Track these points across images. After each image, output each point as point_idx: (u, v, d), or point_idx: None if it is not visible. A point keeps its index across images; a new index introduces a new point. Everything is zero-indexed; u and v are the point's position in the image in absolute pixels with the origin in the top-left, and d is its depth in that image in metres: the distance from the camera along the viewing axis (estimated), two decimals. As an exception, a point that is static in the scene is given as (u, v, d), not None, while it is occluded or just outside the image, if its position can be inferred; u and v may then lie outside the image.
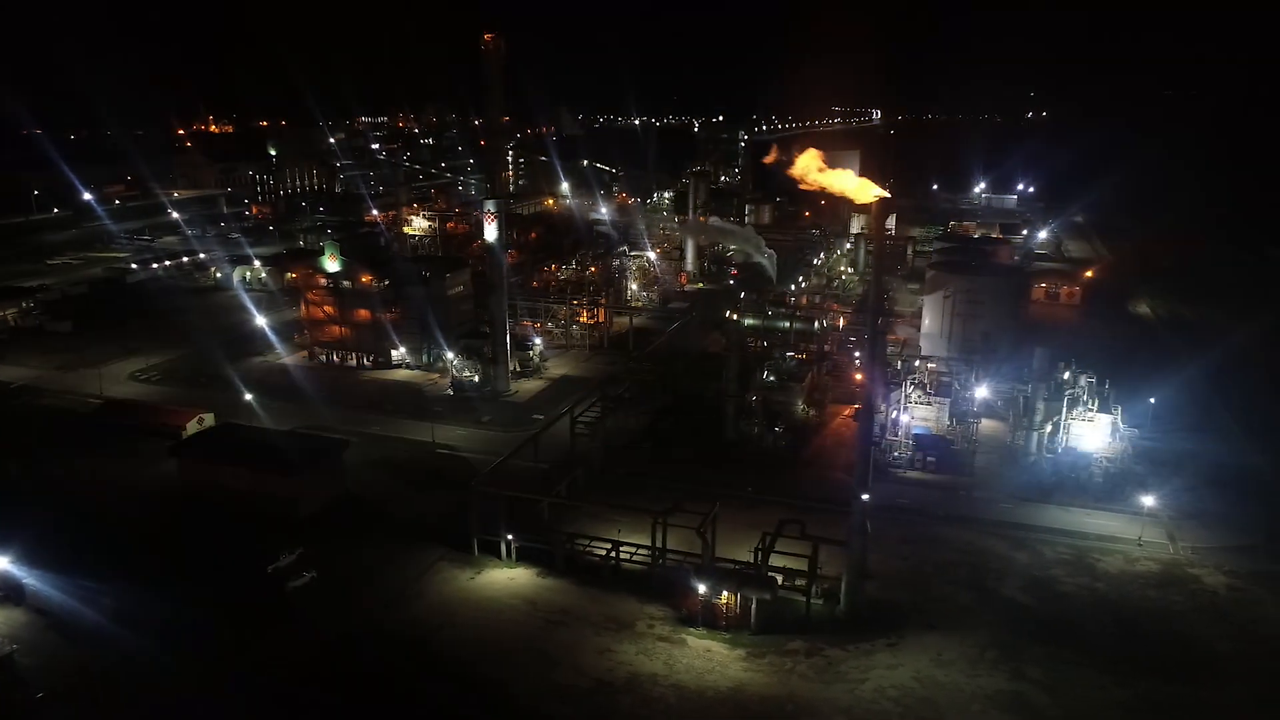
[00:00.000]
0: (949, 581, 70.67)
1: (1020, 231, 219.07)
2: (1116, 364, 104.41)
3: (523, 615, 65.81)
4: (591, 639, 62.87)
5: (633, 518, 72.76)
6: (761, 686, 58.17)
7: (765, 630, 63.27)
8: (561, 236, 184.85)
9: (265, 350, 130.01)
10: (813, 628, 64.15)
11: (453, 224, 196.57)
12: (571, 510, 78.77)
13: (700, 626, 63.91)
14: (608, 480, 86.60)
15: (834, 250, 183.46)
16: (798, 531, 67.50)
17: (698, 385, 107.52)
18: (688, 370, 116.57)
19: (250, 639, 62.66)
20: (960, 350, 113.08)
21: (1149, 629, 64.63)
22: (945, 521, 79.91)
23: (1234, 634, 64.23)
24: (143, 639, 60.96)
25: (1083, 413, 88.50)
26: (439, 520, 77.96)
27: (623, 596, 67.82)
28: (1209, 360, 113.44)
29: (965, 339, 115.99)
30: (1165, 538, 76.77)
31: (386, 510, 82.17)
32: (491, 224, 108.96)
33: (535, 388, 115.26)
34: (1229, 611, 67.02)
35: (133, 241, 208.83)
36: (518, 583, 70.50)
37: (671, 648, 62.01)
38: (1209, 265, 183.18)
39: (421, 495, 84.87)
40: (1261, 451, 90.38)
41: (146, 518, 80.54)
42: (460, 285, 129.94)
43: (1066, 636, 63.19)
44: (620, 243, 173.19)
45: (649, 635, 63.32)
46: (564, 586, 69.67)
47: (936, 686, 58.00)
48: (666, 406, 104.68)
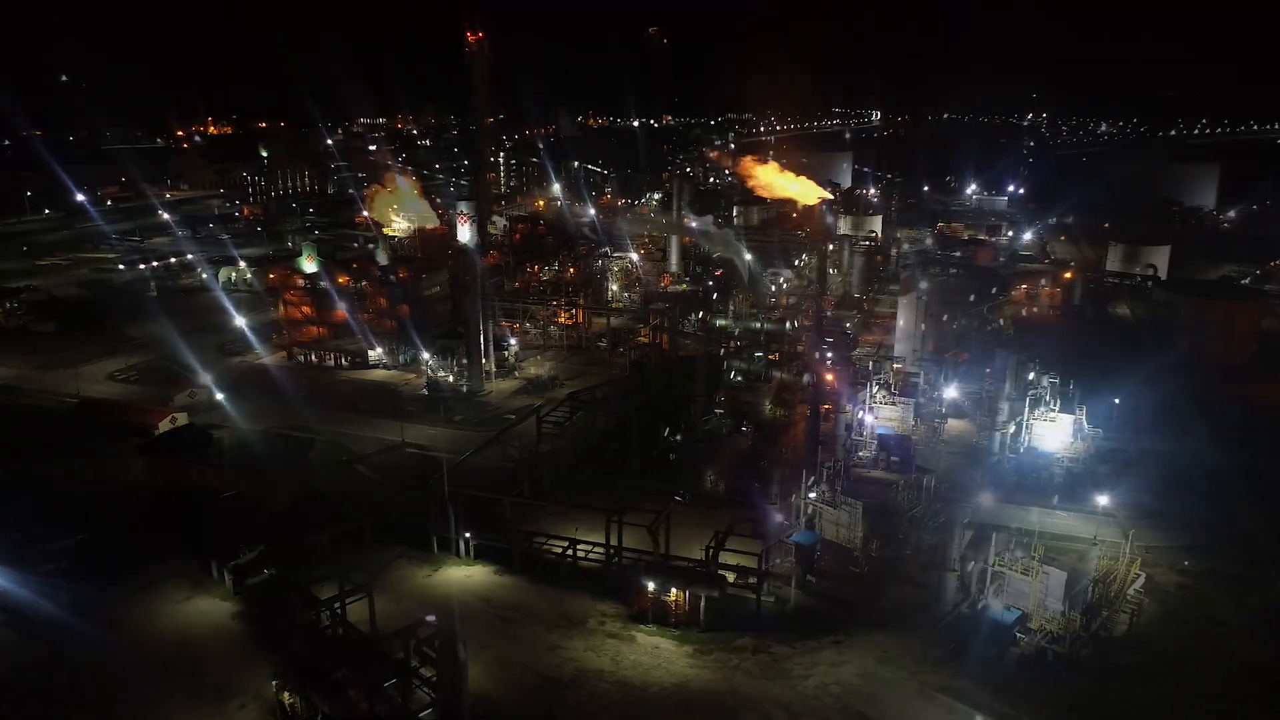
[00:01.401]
0: (901, 579, 71.01)
1: (1005, 233, 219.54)
2: (1089, 365, 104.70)
3: (475, 612, 65.99)
4: (542, 635, 63.39)
5: (589, 516, 73.17)
6: (705, 682, 58.66)
7: (714, 627, 63.73)
8: (544, 238, 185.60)
9: (245, 350, 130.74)
10: (762, 625, 64.64)
11: (433, 226, 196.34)
12: (533, 509, 79.08)
13: (651, 623, 64.42)
14: (573, 479, 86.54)
15: (815, 252, 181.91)
16: (749, 530, 68.10)
17: (671, 385, 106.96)
18: (661, 370, 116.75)
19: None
20: (932, 350, 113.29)
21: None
22: (903, 520, 78.70)
23: (1184, 633, 64.60)
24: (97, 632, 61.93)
25: (1045, 413, 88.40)
26: (403, 518, 78.27)
27: (577, 594, 68.39)
28: (1181, 360, 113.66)
29: (938, 339, 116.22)
30: (1120, 536, 77.18)
31: (352, 508, 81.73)
32: (464, 225, 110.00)
33: (510, 387, 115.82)
34: (1179, 610, 67.55)
35: (122, 242, 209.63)
36: (474, 580, 71.03)
37: (620, 644, 62.54)
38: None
39: (388, 493, 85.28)
40: (1224, 452, 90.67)
41: (113, 515, 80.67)
42: (436, 286, 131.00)
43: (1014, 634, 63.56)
44: (604, 243, 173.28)
45: (599, 632, 63.85)
46: (519, 584, 70.16)
47: (879, 683, 58.36)
48: (638, 406, 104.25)
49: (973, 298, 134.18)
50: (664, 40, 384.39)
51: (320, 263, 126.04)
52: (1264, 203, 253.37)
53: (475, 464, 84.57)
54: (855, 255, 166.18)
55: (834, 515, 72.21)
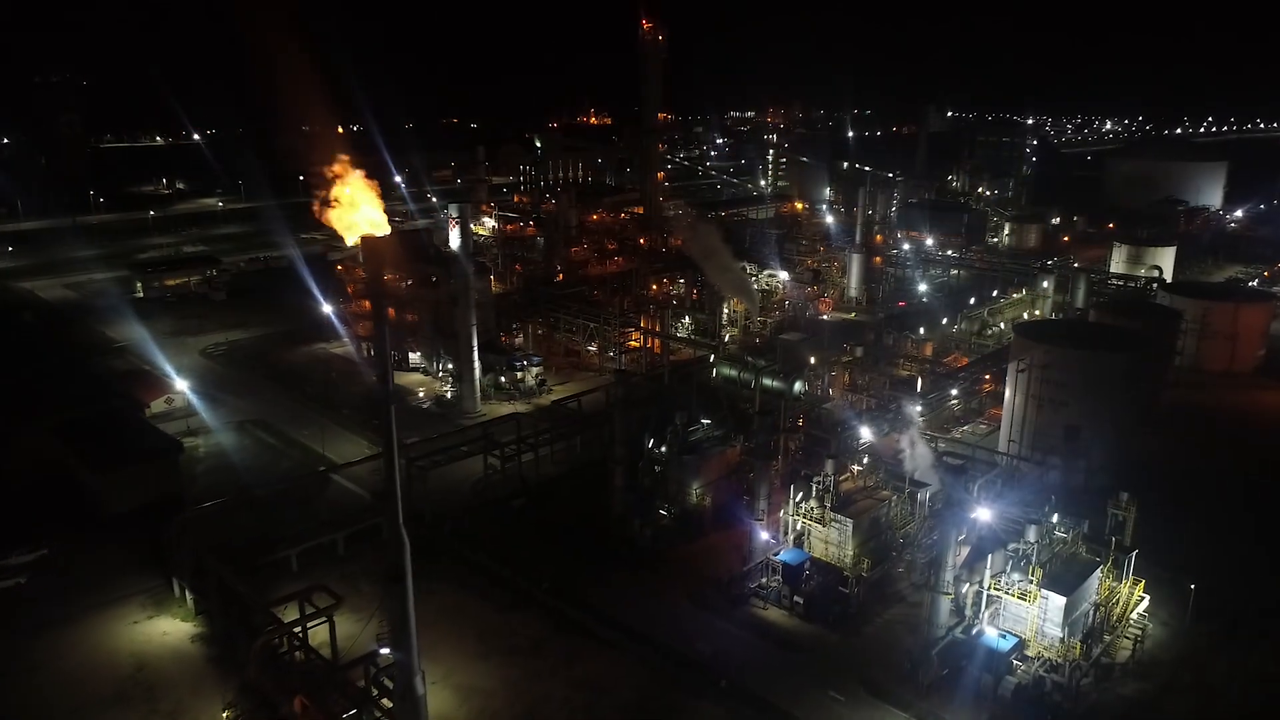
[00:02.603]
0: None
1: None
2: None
3: (122, 675, 59.40)
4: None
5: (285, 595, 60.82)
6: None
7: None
8: (533, 238, 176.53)
9: (330, 338, 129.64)
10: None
11: (512, 226, 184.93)
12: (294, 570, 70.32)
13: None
14: (426, 539, 70.67)
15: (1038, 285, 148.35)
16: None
17: (659, 396, 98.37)
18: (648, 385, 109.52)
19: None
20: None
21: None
22: (732, 698, 57.43)
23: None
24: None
25: (1021, 583, 58.92)
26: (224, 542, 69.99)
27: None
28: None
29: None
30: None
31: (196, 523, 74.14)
32: (454, 230, 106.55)
33: (507, 410, 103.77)
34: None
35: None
36: (168, 640, 63.04)
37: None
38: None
39: (247, 510, 78.21)
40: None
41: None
42: (477, 292, 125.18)
43: None
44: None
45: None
46: (198, 656, 61.35)
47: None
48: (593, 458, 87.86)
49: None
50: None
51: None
52: (1271, 202, 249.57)
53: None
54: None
55: (823, 533, 68.68)
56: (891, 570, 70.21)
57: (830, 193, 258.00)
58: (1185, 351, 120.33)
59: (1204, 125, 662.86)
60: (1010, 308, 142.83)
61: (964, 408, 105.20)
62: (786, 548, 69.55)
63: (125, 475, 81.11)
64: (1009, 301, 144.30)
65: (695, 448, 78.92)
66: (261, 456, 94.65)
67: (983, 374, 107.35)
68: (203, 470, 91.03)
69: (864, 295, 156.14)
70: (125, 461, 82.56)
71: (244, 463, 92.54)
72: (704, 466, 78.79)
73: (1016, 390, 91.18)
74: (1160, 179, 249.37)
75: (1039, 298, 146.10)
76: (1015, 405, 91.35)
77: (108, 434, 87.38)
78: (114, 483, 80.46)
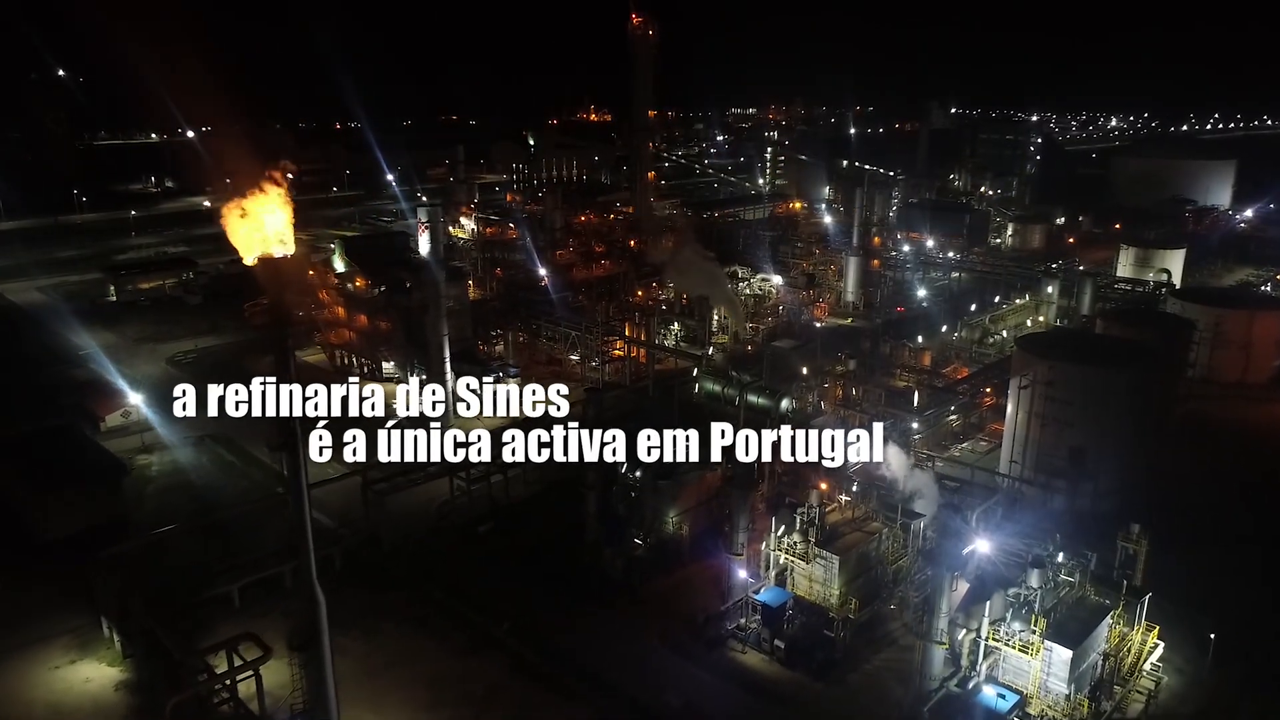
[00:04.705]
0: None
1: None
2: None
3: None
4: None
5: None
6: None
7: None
8: (515, 240, 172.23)
9: (302, 345, 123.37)
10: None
11: (492, 229, 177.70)
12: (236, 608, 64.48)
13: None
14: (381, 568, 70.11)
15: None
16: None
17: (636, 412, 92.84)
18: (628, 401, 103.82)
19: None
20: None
21: None
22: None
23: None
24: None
25: (1022, 633, 53.00)
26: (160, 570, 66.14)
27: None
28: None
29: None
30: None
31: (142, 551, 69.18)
32: (424, 234, 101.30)
33: (494, 425, 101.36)
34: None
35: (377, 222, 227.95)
36: (89, 688, 57.91)
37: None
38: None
39: (192, 538, 71.49)
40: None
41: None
42: (453, 299, 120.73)
43: None
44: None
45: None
46: (121, 706, 55.98)
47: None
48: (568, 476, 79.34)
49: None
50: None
51: (348, 263, 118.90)
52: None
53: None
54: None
55: (807, 569, 63.07)
56: (882, 610, 64.51)
57: (830, 192, 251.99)
58: (1197, 363, 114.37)
59: (1210, 122, 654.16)
60: (1013, 314, 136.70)
61: (963, 423, 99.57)
62: (768, 585, 63.99)
63: (63, 497, 75.64)
64: (1012, 308, 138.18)
65: (671, 472, 73.06)
66: (219, 476, 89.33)
67: (983, 387, 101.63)
68: (154, 490, 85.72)
69: (861, 300, 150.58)
70: (64, 482, 77.15)
71: (201, 481, 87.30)
72: (681, 493, 73.12)
73: (1019, 408, 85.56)
74: (1167, 177, 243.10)
75: (1043, 304, 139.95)
76: (1017, 424, 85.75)
77: (50, 451, 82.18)
78: (51, 505, 75.06)
